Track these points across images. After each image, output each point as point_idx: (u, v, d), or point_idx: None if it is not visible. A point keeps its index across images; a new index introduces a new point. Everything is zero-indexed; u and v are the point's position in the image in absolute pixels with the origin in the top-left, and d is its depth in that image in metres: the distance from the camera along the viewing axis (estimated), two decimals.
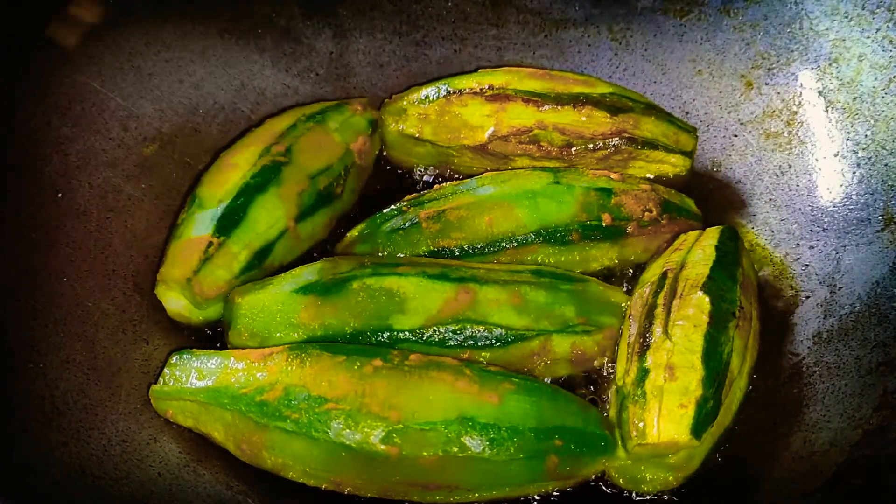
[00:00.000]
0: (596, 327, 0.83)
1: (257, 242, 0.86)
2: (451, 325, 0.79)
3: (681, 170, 0.97)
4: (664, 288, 0.82)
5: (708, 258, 0.84)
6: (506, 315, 0.80)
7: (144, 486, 0.73)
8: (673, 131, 0.96)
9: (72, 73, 0.89)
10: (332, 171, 0.93)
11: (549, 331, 0.81)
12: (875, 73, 0.90)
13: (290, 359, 0.75)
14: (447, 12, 1.05)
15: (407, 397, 0.72)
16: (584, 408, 0.77)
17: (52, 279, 0.82)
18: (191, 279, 0.82)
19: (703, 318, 0.77)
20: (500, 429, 0.72)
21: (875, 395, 0.77)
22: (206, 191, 0.89)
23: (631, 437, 0.73)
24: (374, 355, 0.75)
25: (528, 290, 0.82)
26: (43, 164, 0.86)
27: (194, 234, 0.85)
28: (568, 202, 0.89)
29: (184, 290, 0.83)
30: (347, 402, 0.72)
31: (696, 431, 0.71)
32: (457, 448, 0.71)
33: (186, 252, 0.84)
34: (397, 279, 0.80)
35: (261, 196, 0.87)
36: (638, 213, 0.90)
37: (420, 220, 0.89)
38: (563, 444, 0.73)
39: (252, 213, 0.86)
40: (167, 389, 0.76)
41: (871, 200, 0.89)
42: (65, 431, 0.74)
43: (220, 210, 0.85)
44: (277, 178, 0.89)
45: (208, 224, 0.85)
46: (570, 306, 0.82)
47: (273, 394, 0.73)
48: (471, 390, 0.73)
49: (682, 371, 0.74)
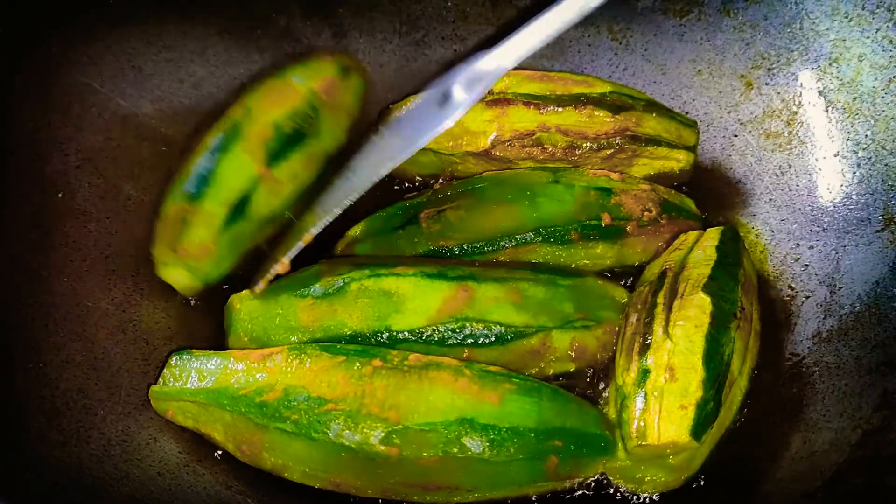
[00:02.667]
0: (596, 322, 0.83)
1: (232, 196, 0.88)
2: (451, 325, 0.79)
3: (685, 165, 0.97)
4: (664, 287, 0.82)
5: (709, 258, 0.84)
6: (505, 312, 0.80)
7: (144, 486, 0.74)
8: (675, 127, 0.96)
9: (72, 73, 0.89)
10: (297, 113, 0.94)
11: (548, 327, 0.81)
12: (875, 73, 0.90)
13: (290, 359, 0.75)
14: (447, 12, 1.05)
15: (406, 398, 0.72)
16: (585, 408, 0.77)
17: (52, 279, 0.82)
18: (177, 248, 0.85)
19: (704, 318, 0.77)
20: (500, 429, 0.72)
21: (875, 395, 0.77)
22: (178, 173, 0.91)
23: (631, 438, 0.73)
24: (374, 356, 0.75)
25: (526, 286, 0.82)
26: (43, 164, 0.86)
27: (170, 210, 0.88)
28: (567, 201, 0.89)
29: (175, 260, 0.86)
30: (347, 402, 0.72)
31: (696, 433, 0.71)
32: (456, 449, 0.71)
33: (167, 226, 0.87)
34: (395, 280, 0.80)
35: (224, 154, 0.89)
36: (637, 213, 0.90)
37: (420, 219, 0.89)
38: (563, 444, 0.73)
39: (219, 171, 0.88)
40: (167, 390, 0.76)
41: (871, 200, 0.89)
42: (65, 431, 0.74)
43: (187, 182, 0.88)
44: (238, 135, 0.90)
45: (179, 196, 0.88)
46: (569, 301, 0.82)
47: (273, 395, 0.73)
48: (471, 390, 0.73)
49: (683, 372, 0.74)
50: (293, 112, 0.93)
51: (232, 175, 0.88)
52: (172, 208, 0.88)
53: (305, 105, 0.94)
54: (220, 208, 0.87)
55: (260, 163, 0.90)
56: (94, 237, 0.87)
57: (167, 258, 0.86)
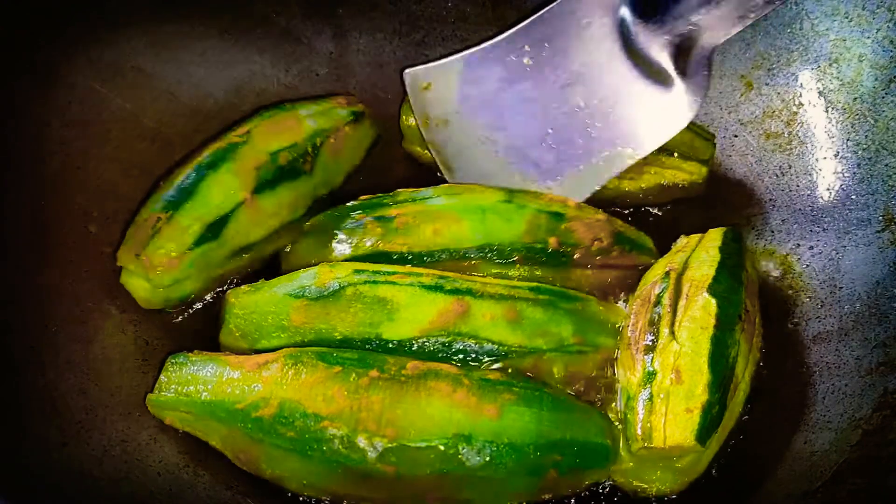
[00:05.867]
0: (592, 348, 0.80)
1: (209, 216, 0.85)
2: (442, 338, 0.78)
3: (696, 178, 0.96)
4: (668, 288, 0.81)
5: (713, 260, 0.83)
6: (499, 331, 0.78)
7: (144, 486, 0.73)
8: (690, 138, 0.95)
9: (72, 73, 0.89)
10: (297, 147, 0.92)
11: (542, 349, 0.79)
12: (875, 73, 0.90)
13: (286, 369, 0.73)
14: (447, 12, 1.05)
15: (403, 412, 0.71)
16: (588, 415, 0.76)
17: (52, 279, 0.82)
18: (139, 254, 0.82)
19: (709, 320, 0.76)
20: (499, 445, 0.71)
21: (875, 395, 0.77)
22: (166, 181, 0.89)
23: (636, 440, 0.73)
24: (371, 365, 0.74)
25: (524, 306, 0.80)
26: (43, 164, 0.86)
27: (145, 215, 0.85)
28: (516, 221, 0.87)
29: (137, 267, 0.83)
30: (343, 419, 0.71)
31: (702, 437, 0.71)
32: (454, 466, 0.70)
33: (137, 231, 0.84)
34: (391, 288, 0.80)
35: (213, 172, 0.87)
36: (587, 241, 0.87)
37: (366, 222, 0.88)
38: (562, 458, 0.73)
39: (203, 187, 0.86)
40: (162, 400, 0.75)
41: (871, 200, 0.89)
42: (65, 431, 0.74)
43: (170, 191, 0.86)
44: (232, 156, 0.88)
45: (158, 203, 0.85)
46: (568, 325, 0.80)
47: (268, 410, 0.72)
48: (469, 403, 0.72)
49: (689, 374, 0.73)
50: (293, 146, 0.92)
51: (214, 193, 0.86)
52: (146, 214, 0.85)
53: (307, 142, 0.93)
54: (194, 224, 0.84)
55: (247, 188, 0.87)
56: (94, 237, 0.87)
57: (130, 264, 0.83)
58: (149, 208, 0.86)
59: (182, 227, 0.84)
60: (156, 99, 0.96)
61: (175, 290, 0.86)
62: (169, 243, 0.83)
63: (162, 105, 0.96)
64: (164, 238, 0.83)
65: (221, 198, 0.86)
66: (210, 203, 0.86)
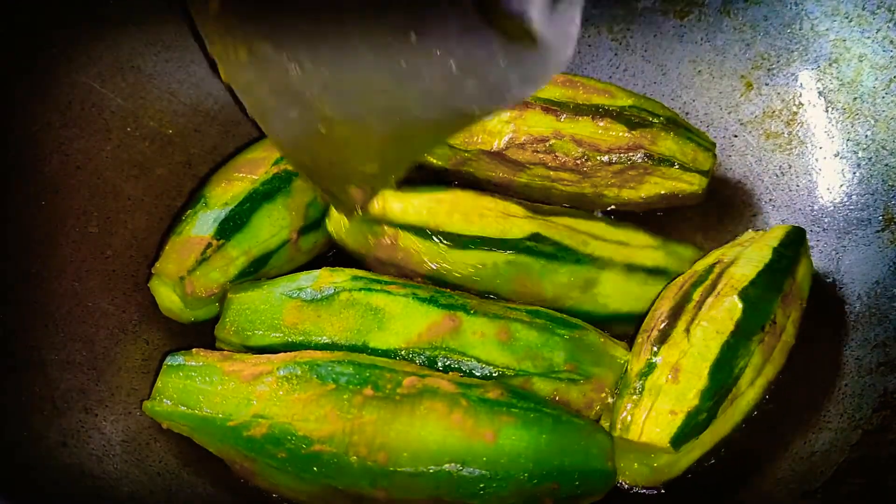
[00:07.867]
0: (584, 377, 0.78)
1: (257, 250, 0.85)
2: (428, 352, 0.77)
3: (696, 189, 0.94)
4: (706, 281, 0.79)
5: (761, 260, 0.80)
6: (488, 350, 0.77)
7: (144, 486, 0.73)
8: (691, 149, 0.94)
9: (72, 73, 0.89)
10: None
11: (529, 373, 0.77)
12: (875, 73, 0.90)
13: (279, 385, 0.72)
14: None
15: (396, 435, 0.69)
16: (591, 436, 0.73)
17: (52, 279, 0.82)
18: (184, 277, 0.82)
19: (729, 325, 0.75)
20: (494, 474, 0.69)
21: (875, 395, 0.77)
22: (213, 192, 0.88)
23: (615, 428, 0.73)
24: (365, 382, 0.72)
25: (519, 327, 0.78)
26: (43, 164, 0.86)
27: (194, 234, 0.84)
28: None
29: (176, 286, 0.82)
30: (334, 443, 0.69)
31: (677, 442, 0.71)
32: (446, 492, 0.69)
33: (184, 250, 0.83)
34: (385, 297, 0.79)
35: (268, 204, 0.86)
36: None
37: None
38: (560, 486, 0.70)
39: (256, 219, 0.85)
40: (158, 409, 0.74)
41: (871, 200, 0.89)
42: (65, 431, 0.74)
43: (224, 212, 0.85)
44: (287, 189, 0.88)
45: (210, 225, 0.84)
46: (562, 352, 0.78)
47: (259, 430, 0.71)
48: (464, 427, 0.69)
49: (687, 377, 0.73)
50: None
51: (266, 229, 0.85)
52: (198, 236, 0.83)
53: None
54: (243, 258, 0.84)
55: (294, 229, 0.87)
56: (94, 237, 0.87)
57: (168, 279, 0.82)
58: (197, 224, 0.85)
59: (230, 257, 0.84)
60: (156, 99, 0.96)
61: (201, 311, 0.86)
62: (214, 272, 0.83)
63: (162, 105, 0.96)
64: (211, 266, 0.83)
65: (270, 233, 0.86)
66: (259, 237, 0.85)
